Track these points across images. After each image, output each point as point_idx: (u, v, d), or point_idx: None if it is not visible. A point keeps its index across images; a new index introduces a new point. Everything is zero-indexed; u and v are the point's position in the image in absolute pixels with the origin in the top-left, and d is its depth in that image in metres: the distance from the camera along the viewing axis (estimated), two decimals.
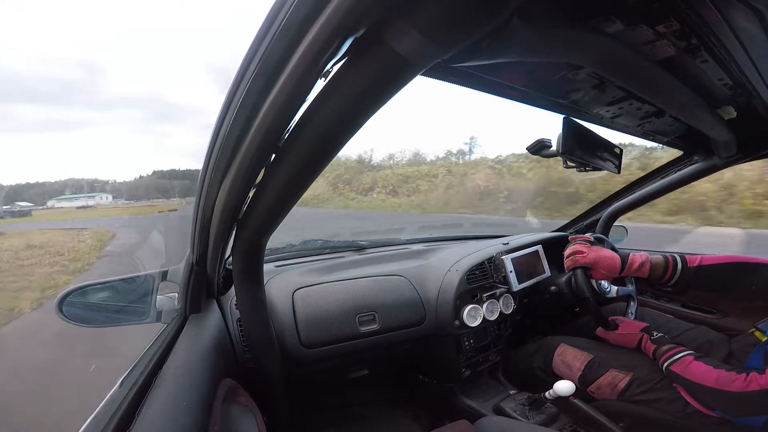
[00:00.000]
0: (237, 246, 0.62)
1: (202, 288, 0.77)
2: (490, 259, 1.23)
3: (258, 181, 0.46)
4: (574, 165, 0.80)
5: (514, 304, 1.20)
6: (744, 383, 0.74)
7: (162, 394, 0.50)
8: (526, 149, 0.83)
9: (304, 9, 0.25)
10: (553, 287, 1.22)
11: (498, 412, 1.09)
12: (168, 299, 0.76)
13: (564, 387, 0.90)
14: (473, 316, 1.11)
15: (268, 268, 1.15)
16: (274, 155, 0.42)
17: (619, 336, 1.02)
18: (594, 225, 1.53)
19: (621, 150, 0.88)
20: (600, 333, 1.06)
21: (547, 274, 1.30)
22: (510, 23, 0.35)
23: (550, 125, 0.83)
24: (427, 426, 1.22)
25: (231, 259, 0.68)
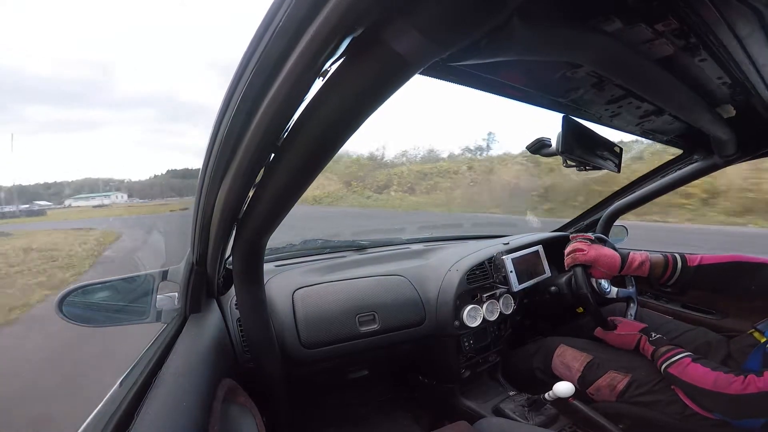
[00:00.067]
0: (237, 246, 0.62)
1: (202, 288, 0.77)
2: (490, 259, 1.23)
3: (258, 181, 0.46)
4: (574, 164, 0.80)
5: (514, 304, 1.20)
6: (742, 385, 0.74)
7: (162, 394, 0.50)
8: (525, 148, 0.83)
9: (302, 8, 0.25)
10: (554, 287, 1.22)
11: (497, 413, 1.09)
12: (168, 299, 0.76)
13: (563, 388, 0.90)
14: (473, 316, 1.11)
15: (268, 268, 1.15)
16: (273, 155, 0.42)
17: (618, 336, 1.01)
18: (594, 225, 1.53)
19: (621, 149, 0.88)
20: (598, 333, 1.05)
21: (548, 274, 1.29)
22: (509, 22, 0.35)
23: None
24: (427, 427, 1.21)
25: (231, 259, 0.69)
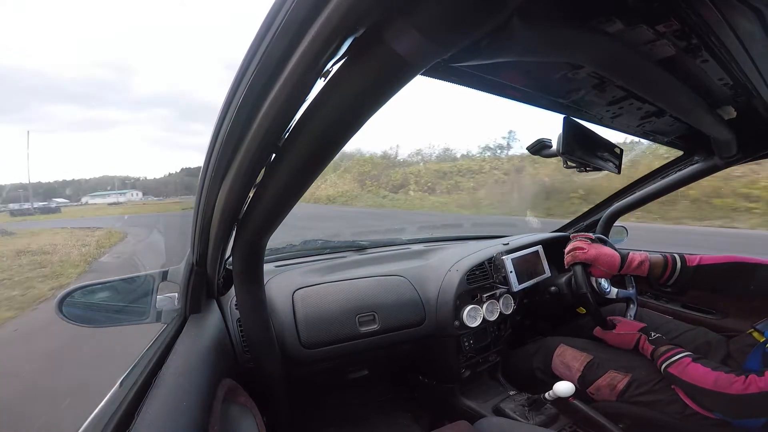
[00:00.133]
0: (237, 246, 0.62)
1: (202, 288, 0.77)
2: (490, 260, 1.23)
3: (258, 181, 0.46)
4: (574, 165, 0.80)
5: (514, 304, 1.20)
6: (743, 385, 0.74)
7: (162, 394, 0.50)
8: (525, 149, 0.83)
9: (303, 9, 0.25)
10: (553, 287, 1.22)
11: (498, 412, 1.09)
12: (168, 299, 0.76)
13: (563, 388, 0.90)
14: (473, 316, 1.11)
15: (268, 268, 1.15)
16: (274, 155, 0.42)
17: (617, 336, 1.01)
18: (594, 225, 1.53)
19: (621, 150, 0.88)
20: (597, 333, 1.05)
21: (548, 274, 1.29)
22: (510, 23, 0.34)
23: None
24: (427, 426, 1.21)
25: (231, 259, 0.68)
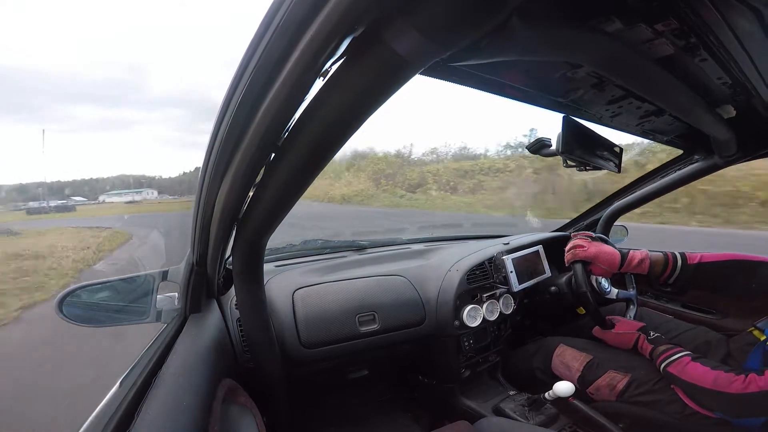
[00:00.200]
0: (237, 246, 0.62)
1: (202, 288, 0.77)
2: (490, 259, 1.23)
3: (258, 181, 0.46)
4: (574, 164, 0.80)
5: (514, 304, 1.20)
6: (743, 384, 0.74)
7: (161, 394, 0.50)
8: (525, 148, 0.83)
9: (302, 8, 0.25)
10: (554, 287, 1.22)
11: (497, 412, 1.09)
12: (168, 299, 0.76)
13: (563, 388, 0.90)
14: (473, 316, 1.11)
15: (268, 268, 1.15)
16: (273, 155, 0.42)
17: (616, 336, 1.01)
18: (594, 225, 1.53)
19: (621, 149, 0.88)
20: (596, 333, 1.05)
21: (548, 274, 1.29)
22: (509, 23, 0.35)
23: None
24: (427, 426, 1.21)
25: (231, 259, 0.68)
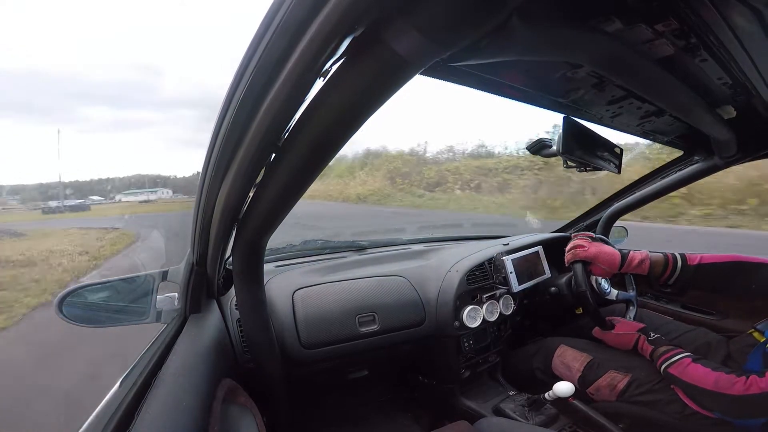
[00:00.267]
0: (237, 246, 0.62)
1: (202, 288, 0.77)
2: (490, 260, 1.23)
3: (258, 181, 0.46)
4: (574, 165, 0.80)
5: (513, 305, 1.20)
6: (744, 386, 0.74)
7: (161, 394, 0.50)
8: (525, 148, 0.83)
9: (302, 8, 0.25)
10: (554, 288, 1.22)
11: (497, 413, 1.09)
12: (168, 299, 0.76)
13: (563, 388, 0.90)
14: (473, 317, 1.11)
15: (268, 268, 1.15)
16: (273, 155, 0.42)
17: (616, 336, 1.01)
18: (594, 226, 1.53)
19: (621, 150, 0.88)
20: (596, 333, 1.05)
21: (548, 275, 1.29)
22: (509, 23, 0.35)
23: None
24: (427, 427, 1.21)
25: (231, 259, 0.68)
